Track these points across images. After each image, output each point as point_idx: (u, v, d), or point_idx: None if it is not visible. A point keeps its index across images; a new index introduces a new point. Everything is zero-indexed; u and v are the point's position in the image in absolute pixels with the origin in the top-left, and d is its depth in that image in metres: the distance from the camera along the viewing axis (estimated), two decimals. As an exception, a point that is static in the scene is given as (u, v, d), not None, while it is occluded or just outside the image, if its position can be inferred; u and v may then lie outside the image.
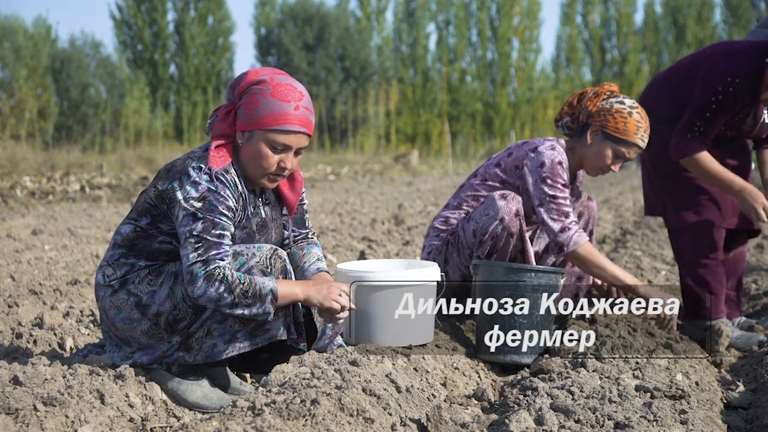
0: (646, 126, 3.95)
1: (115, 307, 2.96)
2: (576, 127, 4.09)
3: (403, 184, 18.33)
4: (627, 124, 3.93)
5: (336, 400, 2.47)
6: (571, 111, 4.10)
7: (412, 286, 3.37)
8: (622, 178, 19.88)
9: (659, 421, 2.55)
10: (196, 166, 2.88)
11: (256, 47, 42.26)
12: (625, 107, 3.95)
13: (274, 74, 2.92)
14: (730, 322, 4.28)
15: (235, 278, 2.83)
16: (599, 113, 3.97)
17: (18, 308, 4.46)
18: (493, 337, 3.61)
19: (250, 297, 2.83)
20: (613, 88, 4.03)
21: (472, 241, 3.94)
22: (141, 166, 18.76)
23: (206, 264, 2.81)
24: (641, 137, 3.95)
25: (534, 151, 3.99)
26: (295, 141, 2.91)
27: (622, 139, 3.94)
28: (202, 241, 2.82)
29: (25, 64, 30.02)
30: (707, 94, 4.02)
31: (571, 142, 4.10)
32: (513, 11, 44.37)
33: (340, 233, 8.27)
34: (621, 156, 3.98)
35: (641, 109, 3.98)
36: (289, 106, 2.87)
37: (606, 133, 3.96)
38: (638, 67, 47.07)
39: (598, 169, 4.05)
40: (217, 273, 2.81)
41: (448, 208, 4.18)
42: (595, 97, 4.00)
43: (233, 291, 2.81)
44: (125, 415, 2.72)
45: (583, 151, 4.05)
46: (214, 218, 2.84)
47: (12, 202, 11.79)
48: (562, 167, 3.95)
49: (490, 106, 43.77)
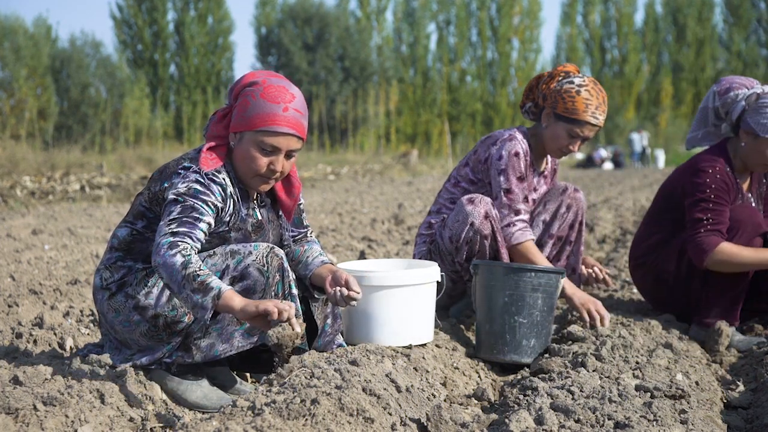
0: (597, 102, 3.94)
1: (113, 309, 2.96)
2: (538, 111, 4.11)
3: (403, 183, 18.33)
4: (575, 102, 3.92)
5: (336, 399, 2.47)
6: (532, 96, 4.13)
7: (412, 286, 3.37)
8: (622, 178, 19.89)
9: (659, 421, 2.55)
10: (187, 166, 2.89)
11: (256, 47, 42.31)
12: (573, 86, 3.94)
13: (268, 76, 2.92)
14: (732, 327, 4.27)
15: (195, 260, 2.72)
16: (551, 95, 3.99)
17: (18, 308, 4.46)
18: (494, 337, 3.61)
19: (197, 284, 2.68)
20: (568, 68, 4.03)
21: (450, 248, 3.95)
22: (141, 165, 18.76)
23: (174, 235, 2.76)
24: (592, 114, 3.93)
25: (494, 144, 4.04)
26: (284, 143, 2.89)
27: (572, 118, 3.93)
28: (176, 221, 2.79)
29: (25, 64, 30.05)
30: (699, 191, 4.04)
31: (534, 127, 4.12)
32: (513, 11, 44.41)
33: (340, 233, 8.27)
34: (576, 136, 3.97)
35: (593, 86, 3.96)
36: (278, 108, 2.86)
37: (557, 114, 3.97)
38: (638, 67, 47.09)
39: (557, 150, 4.05)
40: (181, 246, 2.73)
41: (431, 213, 4.19)
42: (549, 79, 4.02)
43: (186, 268, 2.69)
44: (125, 415, 2.72)
45: (542, 135, 4.07)
46: (194, 204, 2.81)
47: (12, 202, 11.79)
48: (518, 158, 3.98)
49: (490, 105, 43.81)
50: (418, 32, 43.99)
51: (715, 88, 4.20)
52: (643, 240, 4.38)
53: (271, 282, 2.92)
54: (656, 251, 4.31)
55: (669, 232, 4.25)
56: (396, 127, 38.92)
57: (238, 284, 2.90)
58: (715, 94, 4.17)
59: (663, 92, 46.87)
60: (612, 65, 47.96)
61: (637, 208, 11.48)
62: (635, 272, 4.44)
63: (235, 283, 2.90)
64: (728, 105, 4.12)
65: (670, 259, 4.24)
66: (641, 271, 4.38)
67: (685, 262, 4.19)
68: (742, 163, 4.15)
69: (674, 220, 4.19)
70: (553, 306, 3.64)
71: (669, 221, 4.23)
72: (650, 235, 4.33)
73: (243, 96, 2.90)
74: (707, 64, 47.36)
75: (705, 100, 4.25)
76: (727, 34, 47.64)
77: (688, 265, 4.18)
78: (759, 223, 4.10)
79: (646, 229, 4.39)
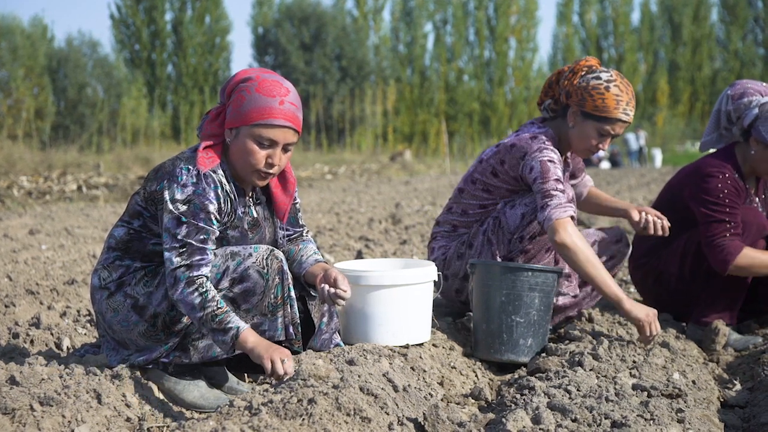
0: (627, 98, 3.75)
1: (111, 309, 2.96)
2: (558, 109, 3.89)
3: (400, 183, 18.32)
4: (605, 99, 3.72)
5: (333, 399, 2.47)
6: (552, 92, 3.91)
7: (409, 286, 3.37)
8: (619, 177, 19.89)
9: (656, 420, 2.55)
10: (184, 167, 2.88)
11: (253, 47, 42.28)
12: (601, 82, 3.74)
13: (261, 72, 2.93)
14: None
15: (213, 298, 2.80)
16: (576, 92, 3.77)
17: (15, 308, 4.46)
18: (491, 336, 3.61)
19: (215, 323, 2.79)
20: (591, 62, 3.81)
21: (519, 224, 3.79)
22: (138, 165, 18.74)
23: (189, 269, 2.81)
24: (623, 111, 3.73)
25: (523, 158, 3.78)
26: (281, 136, 2.90)
27: (603, 116, 3.73)
28: (185, 246, 2.82)
29: (22, 64, 30.00)
30: (712, 196, 4.01)
31: (556, 123, 3.91)
32: (510, 10, 44.39)
33: (338, 233, 8.27)
34: (606, 134, 3.76)
35: (621, 80, 3.75)
36: (273, 101, 2.87)
37: (586, 113, 3.76)
38: (635, 66, 47.10)
39: (585, 150, 3.87)
40: (198, 282, 2.80)
41: (452, 213, 4.02)
42: (572, 75, 3.80)
43: (205, 308, 2.79)
44: (122, 415, 2.71)
45: (567, 134, 3.85)
46: (198, 223, 2.83)
47: (9, 202, 11.77)
48: (554, 164, 3.73)
49: (487, 105, 43.79)
50: (415, 32, 43.96)
51: (729, 91, 4.16)
52: (643, 241, 4.37)
53: (271, 284, 2.93)
54: (657, 252, 4.30)
55: (672, 234, 4.24)
56: (393, 127, 38.90)
57: (238, 286, 2.90)
58: (729, 97, 4.14)
59: (659, 91, 46.90)
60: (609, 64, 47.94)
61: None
62: (635, 273, 4.43)
63: (235, 285, 2.90)
64: (741, 110, 4.09)
65: (672, 260, 4.23)
66: (641, 272, 4.37)
67: (687, 263, 4.19)
68: (751, 169, 4.13)
69: (677, 221, 4.17)
70: (550, 305, 3.64)
71: (674, 222, 4.22)
72: (651, 237, 4.31)
73: (237, 92, 2.90)
74: (704, 63, 47.40)
75: (718, 103, 4.22)
76: (724, 33, 47.68)
77: (690, 267, 4.18)
78: (764, 224, 4.11)
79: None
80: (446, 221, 4.06)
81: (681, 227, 4.20)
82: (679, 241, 4.22)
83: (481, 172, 3.96)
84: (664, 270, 4.26)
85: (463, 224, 3.99)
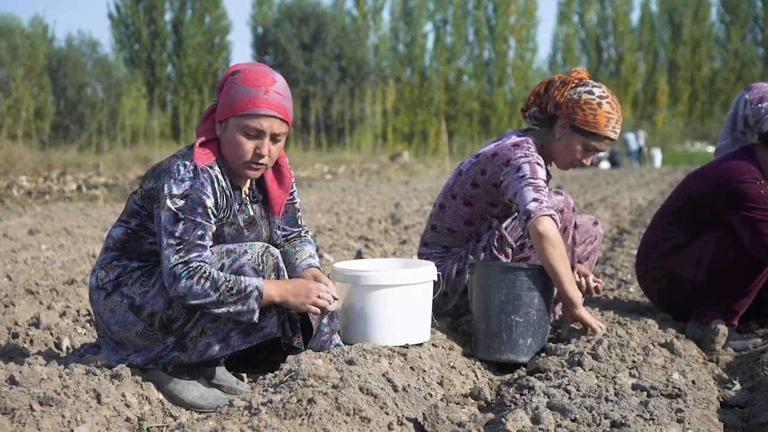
0: (617, 116, 3.72)
1: (109, 309, 2.96)
2: (544, 118, 3.84)
3: (400, 183, 18.32)
4: (597, 116, 3.68)
5: (333, 399, 2.47)
6: (539, 101, 3.84)
7: (409, 285, 3.37)
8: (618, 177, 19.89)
9: (656, 420, 2.55)
10: (180, 163, 2.89)
11: (252, 46, 42.29)
12: (594, 98, 3.69)
13: (250, 65, 2.94)
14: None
15: (221, 276, 2.82)
16: (567, 105, 3.72)
17: (14, 308, 4.46)
18: (490, 336, 3.61)
19: (235, 294, 2.82)
20: (582, 75, 3.76)
21: (517, 237, 3.79)
22: (138, 165, 18.74)
23: (187, 264, 2.81)
24: (612, 129, 3.70)
25: (507, 164, 3.73)
26: (267, 125, 2.89)
27: (592, 132, 3.70)
28: (183, 243, 2.82)
29: (22, 64, 29.99)
30: (754, 201, 3.99)
31: (539, 133, 3.86)
32: (510, 10, 44.40)
33: (337, 232, 8.27)
34: (592, 149, 3.75)
35: (612, 98, 3.72)
36: (258, 91, 2.87)
37: (575, 126, 3.72)
38: (635, 66, 47.12)
39: (568, 163, 3.84)
40: (200, 270, 2.80)
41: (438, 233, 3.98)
42: (562, 86, 3.73)
43: (218, 288, 2.81)
44: (122, 415, 2.71)
45: (552, 145, 3.81)
46: (195, 218, 2.83)
47: (9, 202, 11.76)
48: (541, 168, 3.71)
49: (486, 105, 43.80)
50: (415, 31, 43.97)
51: (747, 96, 4.13)
52: (657, 244, 4.31)
53: (267, 281, 2.93)
54: (672, 256, 4.25)
55: (688, 237, 4.19)
56: (393, 127, 38.90)
57: (234, 283, 2.91)
58: (747, 102, 4.12)
59: (659, 91, 46.92)
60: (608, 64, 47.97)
61: (634, 207, 11.50)
62: (646, 277, 4.36)
63: (231, 282, 2.90)
64: (760, 115, 4.08)
65: (688, 263, 4.19)
66: (653, 275, 4.31)
67: (703, 267, 4.16)
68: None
69: (698, 223, 4.13)
70: (549, 305, 3.64)
71: (690, 225, 4.17)
72: (665, 240, 4.26)
73: (226, 86, 2.93)
74: (704, 63, 47.42)
75: (734, 107, 4.19)
76: (724, 32, 47.69)
77: (707, 270, 4.15)
78: None
79: (659, 233, 4.33)
80: (435, 242, 4.00)
81: (702, 230, 4.17)
82: (695, 244, 4.19)
83: (460, 185, 3.92)
84: (678, 273, 4.22)
85: (454, 243, 3.97)
